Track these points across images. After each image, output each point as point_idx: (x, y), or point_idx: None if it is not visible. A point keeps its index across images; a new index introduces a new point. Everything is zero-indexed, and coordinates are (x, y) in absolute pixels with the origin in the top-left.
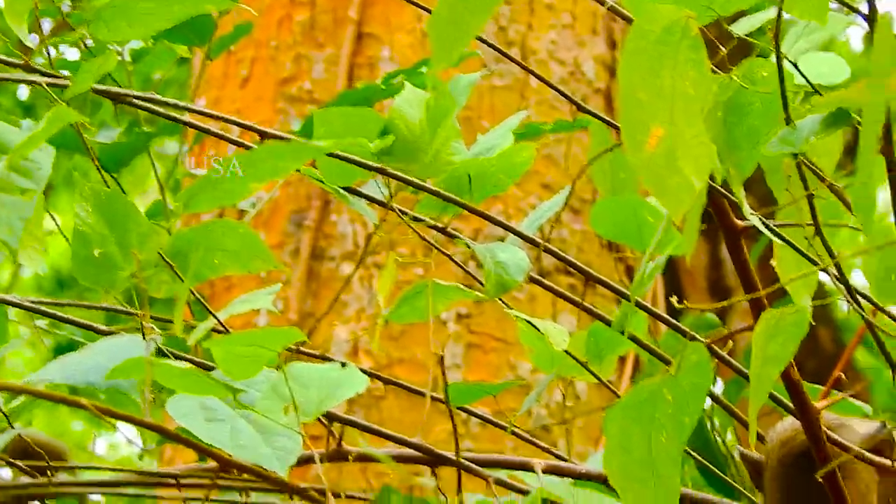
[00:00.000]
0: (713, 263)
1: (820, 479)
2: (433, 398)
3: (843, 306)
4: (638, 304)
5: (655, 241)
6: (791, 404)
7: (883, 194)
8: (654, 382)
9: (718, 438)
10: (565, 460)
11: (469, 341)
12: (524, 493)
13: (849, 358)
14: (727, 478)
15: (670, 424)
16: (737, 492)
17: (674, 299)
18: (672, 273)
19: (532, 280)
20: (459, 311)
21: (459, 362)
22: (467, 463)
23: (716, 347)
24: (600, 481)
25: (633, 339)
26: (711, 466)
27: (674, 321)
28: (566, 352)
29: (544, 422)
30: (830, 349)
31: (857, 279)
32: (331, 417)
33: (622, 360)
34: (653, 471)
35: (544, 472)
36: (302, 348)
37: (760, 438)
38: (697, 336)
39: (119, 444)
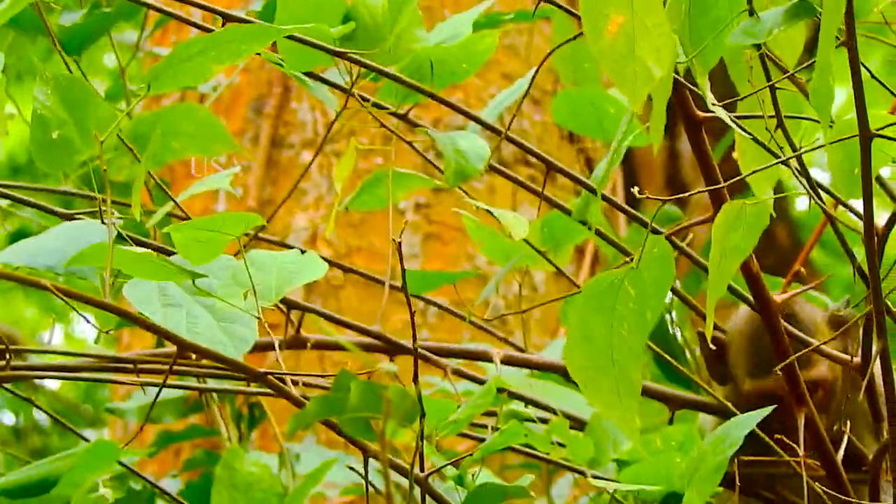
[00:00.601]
0: (670, 158)
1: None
2: (391, 287)
3: (798, 204)
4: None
5: (621, 129)
6: (750, 297)
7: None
8: (616, 274)
9: (677, 332)
10: (522, 351)
11: (427, 231)
12: (481, 382)
13: (806, 255)
14: (685, 370)
15: (632, 318)
16: (693, 384)
17: (634, 189)
18: (629, 167)
19: (492, 169)
20: (418, 201)
21: (417, 252)
22: (424, 352)
23: (676, 240)
24: (557, 372)
25: (597, 231)
26: (669, 359)
27: (634, 212)
28: (525, 240)
29: (501, 313)
30: (787, 246)
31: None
32: (289, 305)
33: (581, 252)
34: (613, 363)
35: (502, 362)
36: (261, 235)
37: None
38: (658, 228)
39: (74, 337)
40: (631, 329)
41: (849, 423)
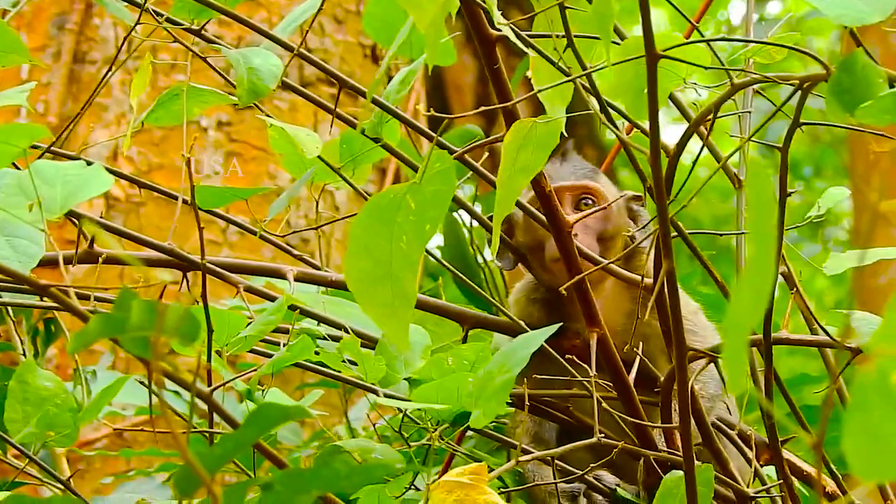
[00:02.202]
0: (481, 81)
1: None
2: (185, 202)
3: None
4: (392, 112)
5: (395, 44)
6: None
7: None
8: (398, 188)
9: (479, 257)
10: (318, 269)
11: (229, 149)
12: (275, 300)
13: (612, 177)
14: (485, 293)
15: (411, 230)
16: (493, 307)
17: (420, 106)
18: (440, 89)
19: (290, 88)
20: (220, 119)
21: (219, 170)
22: (214, 267)
23: (467, 158)
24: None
25: (387, 147)
26: (468, 280)
27: (424, 128)
28: (320, 158)
29: (302, 231)
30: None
31: None
32: (82, 219)
33: (384, 171)
34: (390, 273)
35: (296, 279)
36: (60, 151)
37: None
38: (448, 145)
39: None
40: (410, 241)
41: (641, 344)
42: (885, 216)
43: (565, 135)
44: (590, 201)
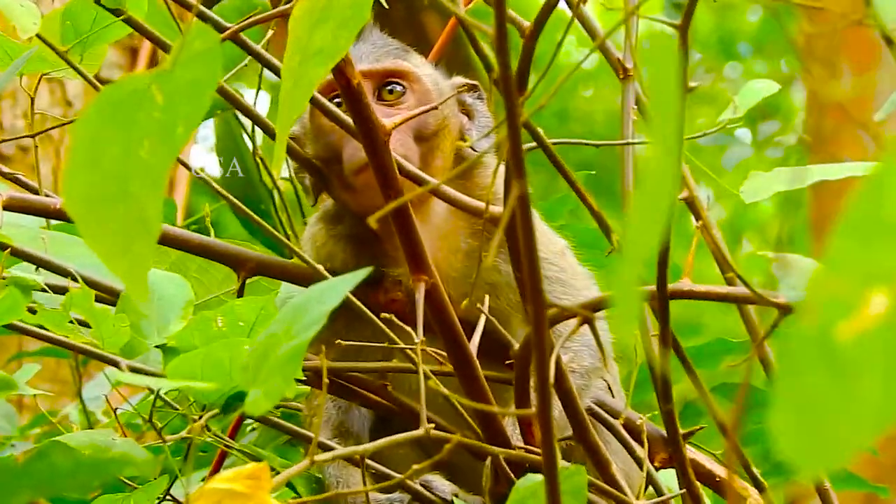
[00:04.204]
0: None
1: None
2: None
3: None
4: None
5: None
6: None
7: None
8: (141, 76)
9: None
10: (37, 192)
11: None
12: None
13: (440, 51)
14: (270, 227)
15: (158, 133)
16: (284, 247)
17: None
18: None
19: None
20: None
21: None
22: None
23: (244, 37)
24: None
25: (130, 22)
26: (249, 211)
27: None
28: (39, 37)
29: (20, 138)
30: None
31: None
32: None
33: (135, 53)
34: (125, 192)
35: (5, 208)
36: None
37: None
38: (218, 18)
39: None
40: (154, 149)
41: (487, 297)
42: (848, 112)
43: (380, 6)
44: (398, 87)
